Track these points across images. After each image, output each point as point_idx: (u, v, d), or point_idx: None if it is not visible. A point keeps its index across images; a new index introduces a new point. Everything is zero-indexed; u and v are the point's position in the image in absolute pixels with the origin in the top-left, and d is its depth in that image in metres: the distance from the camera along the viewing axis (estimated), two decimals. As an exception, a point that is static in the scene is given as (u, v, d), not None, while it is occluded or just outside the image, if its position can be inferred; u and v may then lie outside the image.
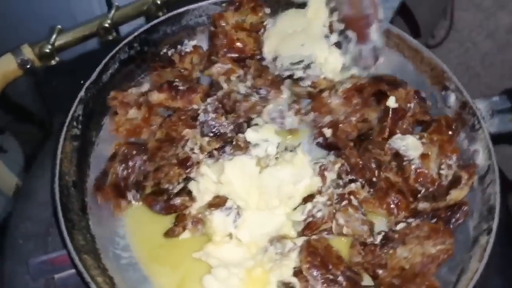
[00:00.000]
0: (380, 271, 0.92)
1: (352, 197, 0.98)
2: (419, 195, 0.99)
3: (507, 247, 1.06)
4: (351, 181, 1.01)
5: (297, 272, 0.92)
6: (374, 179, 1.01)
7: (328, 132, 1.08)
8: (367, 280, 0.94)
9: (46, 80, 1.32)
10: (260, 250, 0.96)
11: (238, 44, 1.14)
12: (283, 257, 0.94)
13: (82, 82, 1.26)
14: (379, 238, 0.96)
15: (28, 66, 1.21)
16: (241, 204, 0.98)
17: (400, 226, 0.97)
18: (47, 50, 1.23)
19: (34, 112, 1.67)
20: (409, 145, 1.02)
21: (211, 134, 1.05)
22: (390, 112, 1.07)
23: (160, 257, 0.97)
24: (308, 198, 1.00)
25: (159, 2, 1.36)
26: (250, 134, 1.03)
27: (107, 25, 1.31)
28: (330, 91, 1.11)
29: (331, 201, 0.97)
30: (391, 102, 1.08)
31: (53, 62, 1.28)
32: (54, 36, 1.24)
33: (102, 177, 1.01)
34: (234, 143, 1.03)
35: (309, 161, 1.02)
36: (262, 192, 0.99)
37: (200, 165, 1.02)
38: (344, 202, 0.97)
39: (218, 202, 0.98)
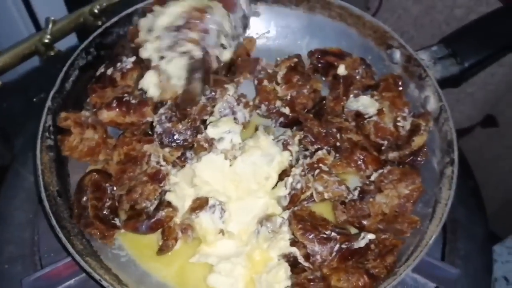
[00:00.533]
0: (364, 221, 1.02)
1: (321, 164, 1.07)
2: (383, 148, 1.10)
3: (464, 179, 1.20)
4: (317, 149, 1.10)
5: (293, 242, 0.99)
6: (338, 143, 1.11)
7: (286, 110, 1.17)
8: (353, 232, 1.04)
9: (-4, 104, 1.31)
10: (252, 234, 1.02)
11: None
12: (276, 233, 1.01)
13: (34, 100, 1.29)
14: (356, 193, 1.05)
15: (-32, 96, 1.20)
16: (222, 199, 1.02)
17: (373, 177, 1.07)
18: (-13, 75, 1.22)
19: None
20: (365, 104, 1.13)
21: (173, 144, 1.07)
22: (341, 79, 1.18)
23: (153, 255, 1.01)
24: (283, 174, 1.07)
25: (96, 11, 1.38)
26: (211, 131, 1.07)
27: (47, 40, 1.32)
28: (269, 81, 1.19)
29: (304, 171, 1.06)
30: (341, 70, 1.19)
31: (-5, 87, 1.29)
32: (-9, 60, 1.24)
33: (82, 212, 1.00)
34: (195, 145, 1.07)
35: (272, 140, 1.09)
36: (239, 181, 1.04)
37: (170, 176, 1.04)
38: (317, 171, 1.06)
39: (200, 204, 1.02)
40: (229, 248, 1.01)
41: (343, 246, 0.96)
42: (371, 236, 0.97)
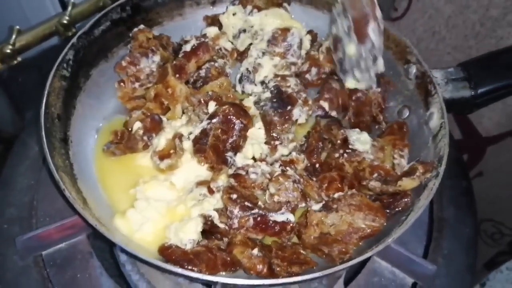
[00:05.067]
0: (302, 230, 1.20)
1: (292, 165, 1.28)
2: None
3: (456, 179, 1.40)
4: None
5: (217, 209, 1.20)
6: (317, 165, 1.31)
7: (325, 105, 1.45)
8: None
9: (12, 77, 1.63)
10: (186, 191, 1.26)
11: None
12: (207, 197, 1.24)
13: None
14: (316, 206, 1.22)
15: (-11, 70, 1.48)
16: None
17: (337, 194, 1.23)
18: (8, 51, 1.56)
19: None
20: (361, 140, 1.31)
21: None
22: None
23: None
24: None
25: (114, -5, 1.67)
26: (240, 159, 1.32)
27: (65, 21, 1.67)
28: (317, 49, 1.50)
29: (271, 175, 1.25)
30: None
31: (15, 62, 1.62)
32: (13, 37, 1.58)
33: (202, 137, 1.26)
34: None
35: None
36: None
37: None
38: (276, 173, 1.25)
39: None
40: (161, 194, 1.27)
41: (260, 212, 1.16)
42: (291, 217, 1.17)
